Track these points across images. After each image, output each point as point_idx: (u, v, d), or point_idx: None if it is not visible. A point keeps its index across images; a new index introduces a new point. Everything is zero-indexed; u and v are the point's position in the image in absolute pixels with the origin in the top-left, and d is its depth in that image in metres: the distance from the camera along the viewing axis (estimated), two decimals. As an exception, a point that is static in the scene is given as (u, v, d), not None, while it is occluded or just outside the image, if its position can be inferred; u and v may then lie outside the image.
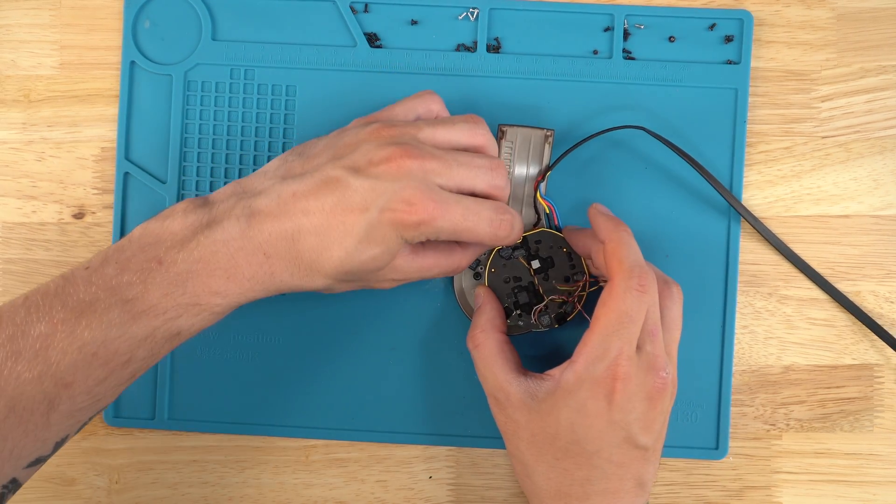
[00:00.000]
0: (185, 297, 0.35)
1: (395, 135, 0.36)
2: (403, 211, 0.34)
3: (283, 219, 0.35)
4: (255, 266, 0.35)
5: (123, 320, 0.34)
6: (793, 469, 0.45)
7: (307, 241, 0.35)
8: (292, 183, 0.36)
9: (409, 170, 0.35)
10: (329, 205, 0.35)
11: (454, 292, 0.44)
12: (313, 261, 0.35)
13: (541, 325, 0.42)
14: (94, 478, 0.46)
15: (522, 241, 0.43)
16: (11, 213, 0.46)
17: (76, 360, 0.33)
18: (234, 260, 0.35)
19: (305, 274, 0.36)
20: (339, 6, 0.45)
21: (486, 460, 0.46)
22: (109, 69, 0.46)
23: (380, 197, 0.34)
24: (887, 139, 0.46)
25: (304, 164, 0.37)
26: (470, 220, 0.36)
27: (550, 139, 0.43)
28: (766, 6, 0.46)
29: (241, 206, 0.35)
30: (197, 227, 0.35)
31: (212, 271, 0.35)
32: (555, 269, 0.42)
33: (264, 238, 0.35)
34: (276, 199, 0.35)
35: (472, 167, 0.37)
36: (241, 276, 0.35)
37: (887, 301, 0.45)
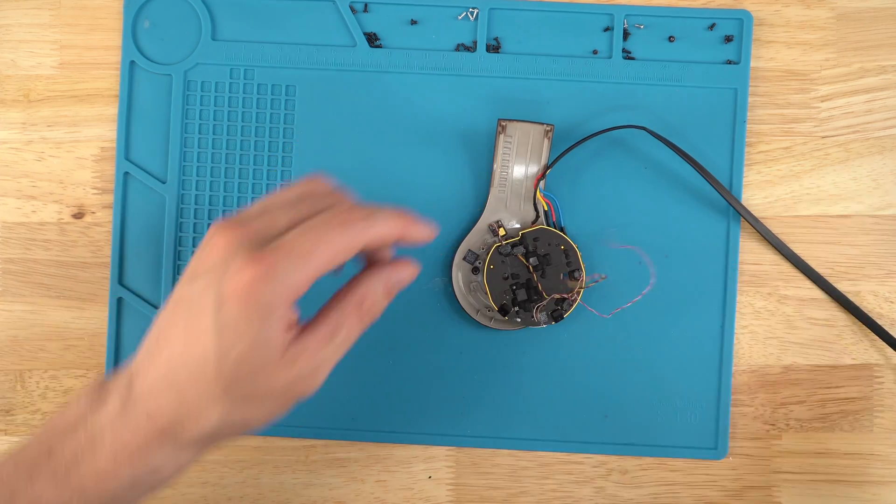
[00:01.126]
0: (70, 487, 0.31)
1: (222, 224, 0.32)
2: (232, 284, 0.29)
3: (153, 369, 0.31)
4: (142, 434, 0.31)
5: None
6: (793, 469, 0.45)
7: (181, 377, 0.30)
8: (155, 327, 0.32)
9: (230, 244, 0.31)
10: (181, 327, 0.31)
11: (454, 292, 0.44)
12: (194, 394, 0.31)
13: (539, 323, 0.42)
14: (93, 478, 0.45)
15: (521, 239, 0.43)
16: (11, 213, 0.46)
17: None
18: (119, 437, 0.31)
19: (197, 415, 0.31)
20: (339, 6, 0.45)
21: (486, 460, 0.45)
22: (109, 69, 0.46)
23: (213, 287, 0.30)
24: (887, 139, 0.46)
25: (165, 304, 0.33)
26: (306, 241, 0.31)
27: (550, 134, 0.43)
28: (765, 6, 0.46)
29: (123, 377, 0.32)
30: (86, 411, 0.32)
31: (96, 455, 0.31)
32: (552, 267, 0.42)
33: (145, 398, 0.31)
34: (146, 352, 0.32)
35: (292, 201, 0.33)
36: (129, 453, 0.31)
37: (887, 301, 0.45)
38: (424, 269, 0.45)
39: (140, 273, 0.45)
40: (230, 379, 0.30)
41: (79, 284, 0.46)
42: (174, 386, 0.30)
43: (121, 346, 0.45)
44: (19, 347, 0.46)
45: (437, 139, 0.45)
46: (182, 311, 0.31)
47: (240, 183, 0.45)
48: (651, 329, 0.45)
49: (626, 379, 0.45)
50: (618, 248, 0.44)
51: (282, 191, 0.34)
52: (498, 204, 0.44)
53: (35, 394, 0.46)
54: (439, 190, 0.45)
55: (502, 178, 0.44)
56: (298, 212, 0.32)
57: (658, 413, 0.45)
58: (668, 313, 0.45)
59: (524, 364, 0.45)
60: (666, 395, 0.45)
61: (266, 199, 0.33)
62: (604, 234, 0.45)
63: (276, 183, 0.45)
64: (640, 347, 0.45)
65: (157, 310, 0.35)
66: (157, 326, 0.32)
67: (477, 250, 0.44)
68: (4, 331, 0.46)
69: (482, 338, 0.45)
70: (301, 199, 0.33)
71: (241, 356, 0.30)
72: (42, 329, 0.46)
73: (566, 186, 0.45)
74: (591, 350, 0.45)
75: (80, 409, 0.32)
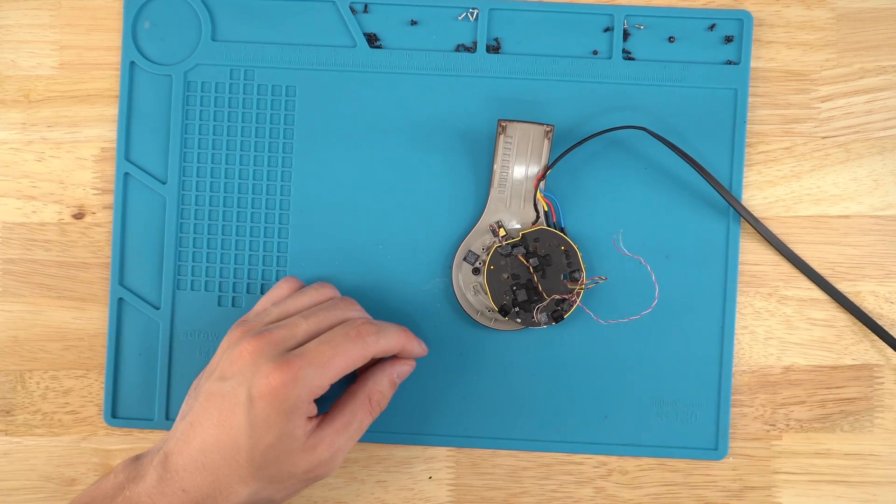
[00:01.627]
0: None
1: (246, 330, 0.39)
2: (263, 386, 0.36)
3: (188, 452, 0.36)
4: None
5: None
6: (793, 469, 0.45)
7: (214, 461, 0.36)
8: (188, 417, 0.38)
9: (259, 351, 0.37)
10: (215, 419, 0.36)
11: (454, 292, 0.44)
12: (227, 476, 0.36)
13: (539, 323, 0.42)
14: (94, 478, 0.46)
15: (521, 239, 0.43)
16: (11, 213, 0.46)
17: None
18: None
19: (228, 492, 0.37)
20: (339, 6, 0.45)
21: (486, 460, 0.46)
22: (109, 69, 0.46)
23: (243, 387, 0.36)
24: (887, 139, 0.46)
25: (194, 396, 0.39)
26: (326, 351, 0.37)
27: (550, 135, 0.43)
28: (766, 6, 0.46)
29: (159, 455, 0.37)
30: (123, 483, 0.37)
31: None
32: (552, 268, 0.42)
33: (180, 475, 0.36)
34: (181, 436, 0.37)
35: (316, 313, 0.39)
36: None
37: (887, 301, 0.45)
38: (425, 270, 0.45)
39: (140, 273, 0.45)
40: (258, 465, 0.36)
41: (79, 285, 0.46)
42: (207, 467, 0.36)
43: (121, 346, 0.45)
44: (19, 348, 0.46)
45: (436, 140, 0.45)
46: (215, 405, 0.37)
47: (240, 183, 0.45)
48: (651, 329, 0.45)
49: (626, 379, 0.45)
50: (622, 253, 0.44)
51: (296, 297, 0.41)
52: (498, 204, 0.44)
53: (35, 394, 0.46)
54: (439, 190, 0.45)
55: (502, 178, 0.44)
56: (316, 323, 0.39)
57: (658, 413, 0.45)
58: (668, 313, 0.45)
59: (524, 364, 0.45)
60: (666, 395, 0.45)
61: (283, 306, 0.40)
62: (604, 234, 0.45)
63: (276, 184, 0.45)
64: (641, 347, 0.45)
65: (187, 399, 0.40)
66: (191, 415, 0.37)
67: (477, 251, 0.44)
68: (4, 331, 0.46)
69: (482, 338, 0.45)
70: (313, 305, 0.40)
71: (269, 446, 0.36)
72: (42, 329, 0.46)
73: (566, 187, 0.45)
74: (592, 350, 0.45)
75: (117, 481, 0.37)
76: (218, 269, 0.45)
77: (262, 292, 0.45)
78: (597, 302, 0.44)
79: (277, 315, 0.40)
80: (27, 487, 0.46)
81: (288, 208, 0.45)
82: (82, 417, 0.46)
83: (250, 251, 0.45)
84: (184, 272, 0.45)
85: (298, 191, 0.45)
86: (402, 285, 0.45)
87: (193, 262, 0.45)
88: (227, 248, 0.45)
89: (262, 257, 0.45)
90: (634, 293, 0.44)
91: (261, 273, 0.45)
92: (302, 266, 0.45)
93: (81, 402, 0.46)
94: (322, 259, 0.45)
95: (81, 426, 0.46)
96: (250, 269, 0.45)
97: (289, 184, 0.45)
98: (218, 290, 0.45)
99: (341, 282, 0.45)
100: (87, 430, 0.46)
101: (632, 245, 0.45)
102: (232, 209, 0.45)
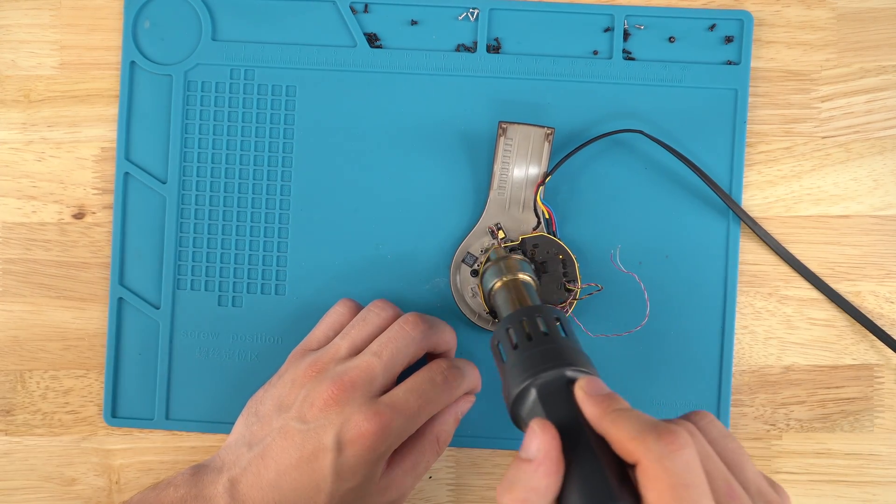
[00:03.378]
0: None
1: (320, 369, 0.39)
2: (356, 437, 0.36)
3: (259, 484, 0.36)
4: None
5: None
6: (793, 469, 0.45)
7: (289, 498, 0.36)
8: (257, 448, 0.37)
9: (345, 399, 0.37)
10: (294, 459, 0.36)
11: (451, 293, 0.44)
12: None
13: None
14: (94, 478, 0.46)
15: (520, 243, 0.42)
16: (11, 213, 0.46)
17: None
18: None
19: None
20: (339, 6, 0.45)
21: (486, 460, 0.46)
22: (109, 69, 0.46)
23: (332, 434, 0.36)
24: (887, 139, 0.46)
25: (262, 426, 0.39)
26: (416, 404, 0.37)
27: (551, 137, 0.43)
28: (766, 6, 0.46)
29: (224, 480, 0.37)
30: (187, 498, 0.37)
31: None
32: (548, 276, 0.42)
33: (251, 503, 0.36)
34: (250, 466, 0.37)
35: (387, 348, 0.39)
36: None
37: (887, 301, 0.45)
38: (424, 270, 0.45)
39: (140, 273, 0.45)
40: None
41: (79, 285, 0.46)
42: (282, 502, 0.36)
43: (121, 346, 0.45)
44: (19, 348, 0.46)
45: (436, 140, 0.45)
46: (294, 445, 0.37)
47: (240, 183, 0.45)
48: (651, 330, 0.45)
49: (626, 379, 0.45)
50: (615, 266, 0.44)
51: (360, 326, 0.40)
52: (497, 206, 0.44)
53: (35, 394, 0.46)
54: (439, 190, 0.45)
55: (502, 180, 0.44)
56: (391, 359, 0.38)
57: (658, 413, 0.45)
58: (668, 313, 0.45)
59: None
60: (666, 395, 0.45)
61: (350, 338, 0.40)
62: (604, 238, 0.45)
63: (276, 184, 0.45)
64: (641, 347, 0.45)
65: (247, 423, 0.40)
66: (263, 448, 0.37)
67: (476, 253, 0.44)
68: (4, 331, 0.46)
69: (483, 338, 0.45)
70: (380, 332, 0.40)
71: (349, 490, 0.36)
72: (42, 329, 0.46)
73: (566, 188, 0.45)
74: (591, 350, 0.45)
75: (178, 496, 0.37)
76: (218, 269, 0.45)
77: (262, 292, 0.45)
78: (592, 311, 0.44)
79: (347, 350, 0.39)
80: (27, 487, 0.46)
81: (288, 208, 0.45)
82: (82, 417, 0.46)
83: (250, 251, 0.45)
84: (184, 272, 0.45)
85: (298, 191, 0.45)
86: (402, 285, 0.45)
87: (193, 262, 0.45)
88: (227, 248, 0.45)
89: (262, 257, 0.45)
90: (631, 304, 0.44)
91: (261, 273, 0.45)
92: (302, 266, 0.45)
93: (81, 402, 0.46)
94: (322, 259, 0.45)
95: (81, 426, 0.46)
96: (250, 269, 0.45)
97: (289, 184, 0.45)
98: (218, 290, 0.45)
99: (341, 282, 0.45)
100: (87, 429, 0.46)
101: (632, 246, 0.45)
102: (232, 209, 0.45)
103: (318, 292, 0.45)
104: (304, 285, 0.45)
